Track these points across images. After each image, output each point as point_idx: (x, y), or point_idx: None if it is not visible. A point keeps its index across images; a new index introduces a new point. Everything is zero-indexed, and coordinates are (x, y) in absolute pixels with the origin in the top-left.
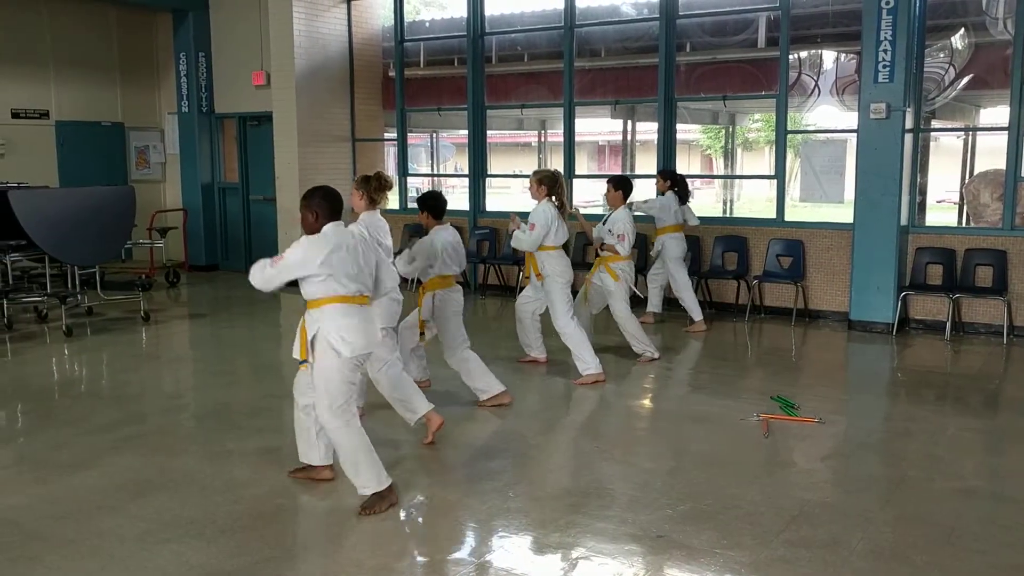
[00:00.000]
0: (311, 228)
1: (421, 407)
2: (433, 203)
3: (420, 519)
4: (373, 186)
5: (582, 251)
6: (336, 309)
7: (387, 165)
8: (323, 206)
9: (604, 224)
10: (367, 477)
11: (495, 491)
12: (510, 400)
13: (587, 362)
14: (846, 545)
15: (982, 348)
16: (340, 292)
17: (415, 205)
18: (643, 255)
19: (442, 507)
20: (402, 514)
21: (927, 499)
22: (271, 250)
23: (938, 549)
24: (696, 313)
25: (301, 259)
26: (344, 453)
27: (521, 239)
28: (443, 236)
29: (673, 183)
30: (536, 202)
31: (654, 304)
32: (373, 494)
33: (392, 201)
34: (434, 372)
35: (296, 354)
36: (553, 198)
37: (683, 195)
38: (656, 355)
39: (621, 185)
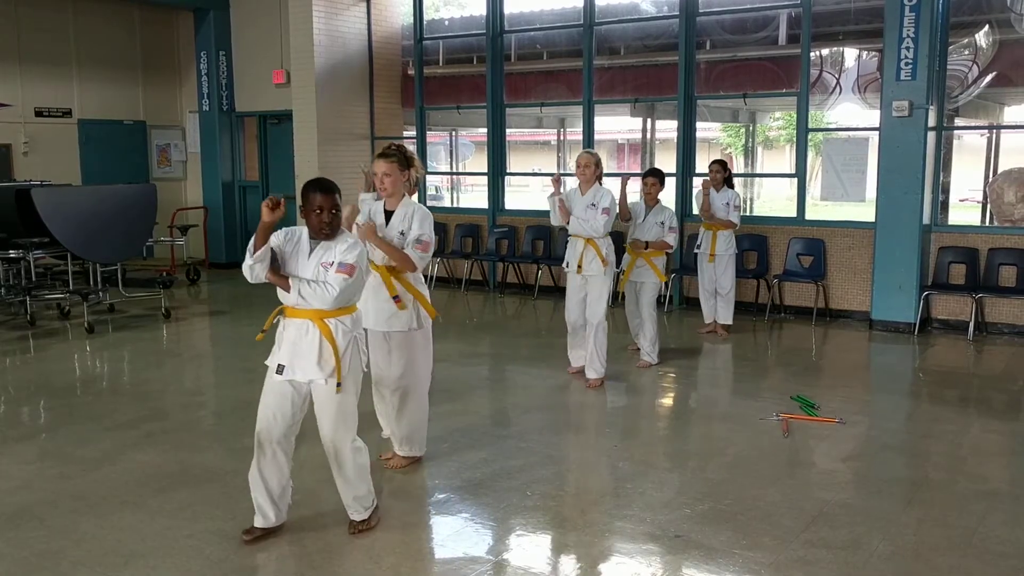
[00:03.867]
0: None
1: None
2: None
3: (437, 517)
4: (407, 154)
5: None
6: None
7: None
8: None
9: (645, 219)
10: (370, 489)
11: (513, 489)
12: None
13: (601, 367)
14: (867, 547)
15: (1006, 348)
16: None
17: (434, 203)
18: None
19: (459, 505)
20: (419, 513)
21: (950, 501)
22: None
23: (961, 552)
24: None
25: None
26: (364, 472)
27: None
28: None
29: (727, 177)
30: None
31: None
32: (375, 508)
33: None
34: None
35: (314, 375)
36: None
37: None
38: (655, 361)
39: (664, 179)
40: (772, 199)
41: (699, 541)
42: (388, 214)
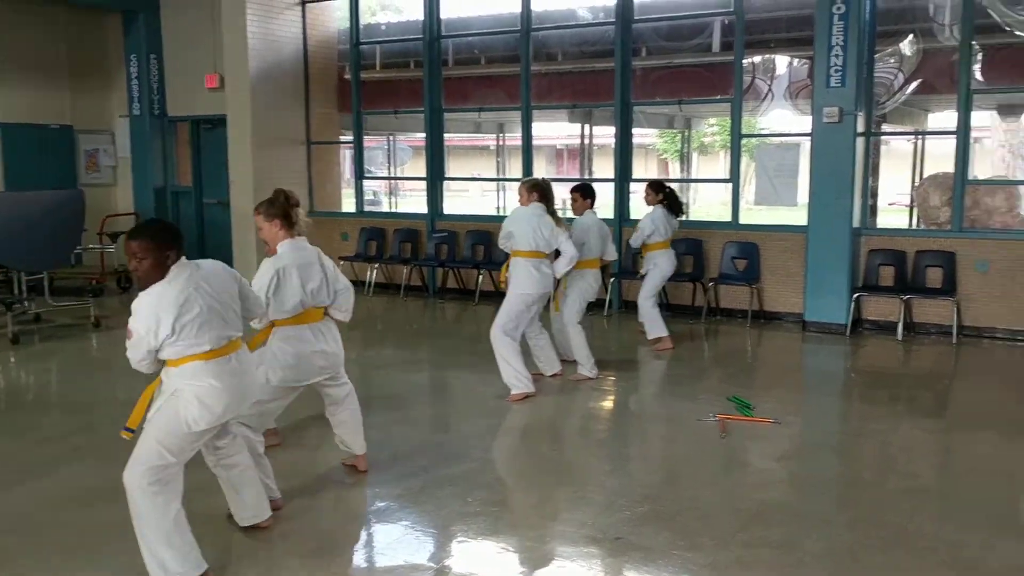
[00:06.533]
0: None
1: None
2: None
3: (377, 525)
4: (284, 201)
5: None
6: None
7: (343, 168)
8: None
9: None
10: (171, 561)
11: (454, 496)
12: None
13: (517, 378)
14: (802, 546)
15: (932, 348)
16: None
17: (372, 208)
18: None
19: (400, 513)
20: (358, 522)
21: (881, 499)
22: (225, 254)
23: (892, 549)
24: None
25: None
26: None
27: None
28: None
29: (664, 196)
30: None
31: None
32: None
33: (349, 204)
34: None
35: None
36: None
37: (675, 208)
38: (594, 375)
39: (590, 194)
40: (707, 204)
41: (639, 543)
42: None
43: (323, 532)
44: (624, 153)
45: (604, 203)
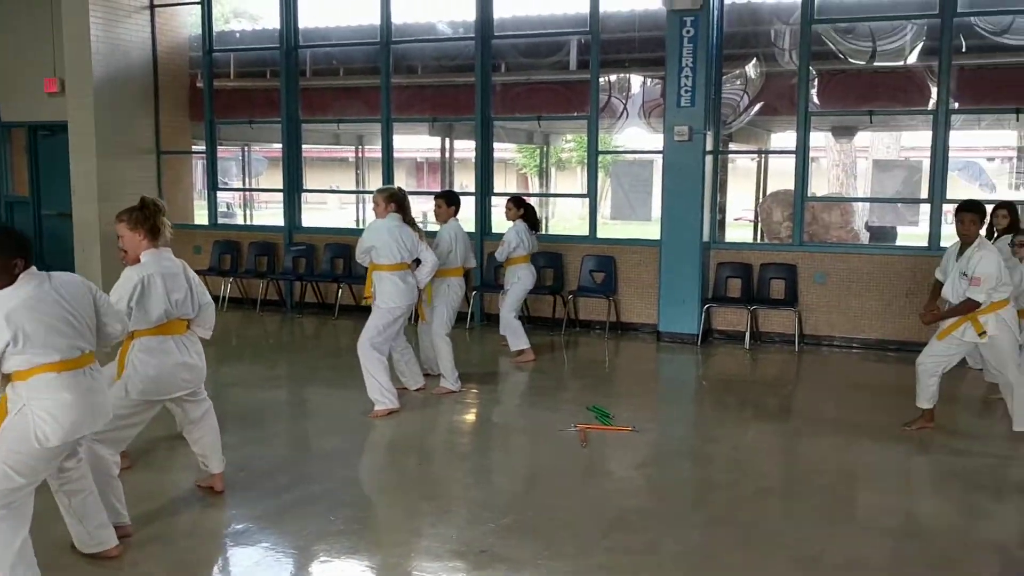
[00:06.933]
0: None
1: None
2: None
3: (235, 549)
4: (154, 211)
5: None
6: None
7: (196, 178)
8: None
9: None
10: None
11: (316, 515)
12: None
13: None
14: (662, 549)
15: (777, 356)
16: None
17: (226, 220)
18: None
19: (259, 535)
20: (214, 546)
21: (733, 500)
22: (67, 267)
23: (744, 548)
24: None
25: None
26: None
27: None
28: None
29: (525, 211)
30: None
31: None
32: None
33: (202, 216)
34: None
35: None
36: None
37: (533, 223)
38: (457, 388)
39: (454, 201)
40: (566, 218)
41: (504, 554)
42: None
43: (177, 558)
44: (485, 167)
45: (466, 217)
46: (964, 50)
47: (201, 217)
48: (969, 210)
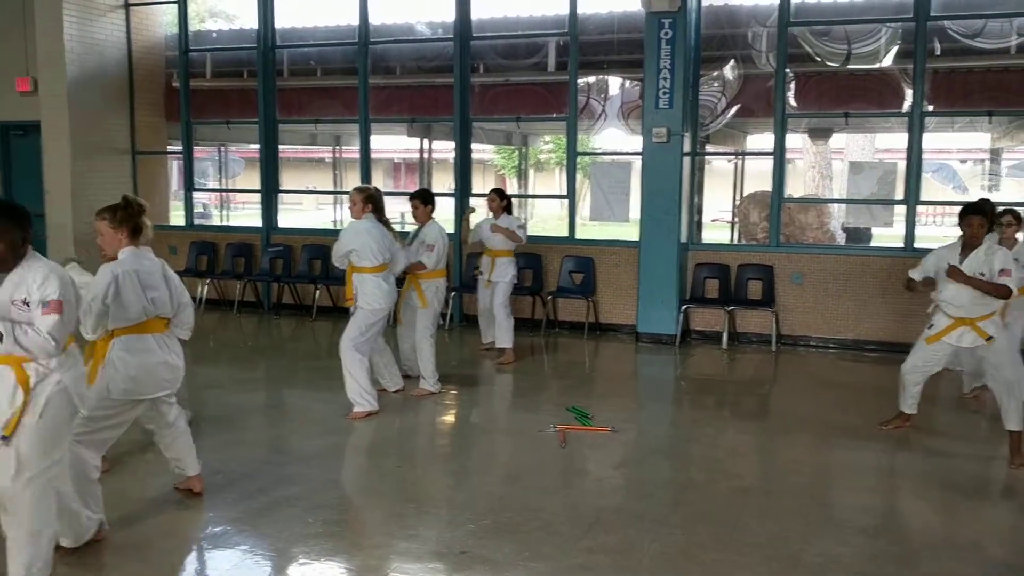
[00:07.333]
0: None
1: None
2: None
3: (213, 551)
4: (136, 210)
5: None
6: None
7: (171, 179)
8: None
9: (415, 241)
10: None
11: (295, 517)
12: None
13: (363, 396)
14: (640, 549)
15: (754, 356)
16: None
17: (202, 221)
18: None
19: (237, 537)
20: (191, 549)
21: (711, 499)
22: None
23: (723, 546)
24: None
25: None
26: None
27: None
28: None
29: (508, 203)
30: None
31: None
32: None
33: (178, 217)
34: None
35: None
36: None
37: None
38: (436, 390)
39: (430, 200)
40: (545, 220)
41: (484, 555)
42: None
43: (154, 561)
44: (464, 167)
45: (445, 217)
46: (938, 53)
47: (177, 218)
48: (976, 212)
